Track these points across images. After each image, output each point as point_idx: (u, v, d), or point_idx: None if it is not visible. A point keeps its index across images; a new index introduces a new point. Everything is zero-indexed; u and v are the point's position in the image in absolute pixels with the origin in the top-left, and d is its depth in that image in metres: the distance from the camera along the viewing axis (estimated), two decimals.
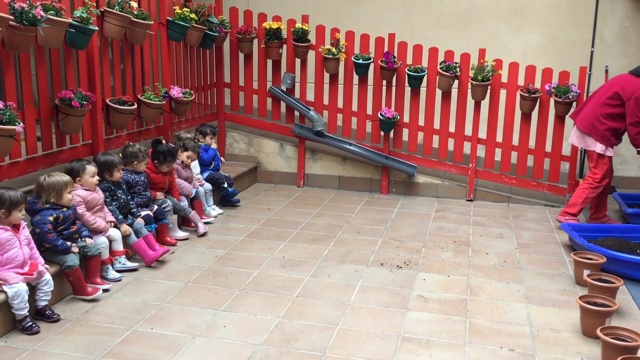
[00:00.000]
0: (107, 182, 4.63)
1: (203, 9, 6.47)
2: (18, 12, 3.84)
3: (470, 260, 5.01)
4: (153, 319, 3.81)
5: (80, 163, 4.33)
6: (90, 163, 4.39)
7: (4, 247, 3.53)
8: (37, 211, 3.92)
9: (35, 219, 3.90)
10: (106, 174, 4.60)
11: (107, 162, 4.61)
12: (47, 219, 3.89)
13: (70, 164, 4.33)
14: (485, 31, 7.70)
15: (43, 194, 3.94)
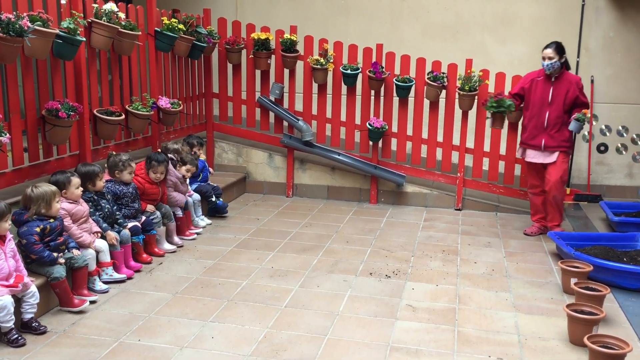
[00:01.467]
0: (90, 193, 4.60)
1: (191, 19, 6.48)
2: (5, 23, 3.83)
3: (458, 269, 5.03)
4: (140, 330, 3.78)
5: (65, 175, 4.29)
6: (74, 174, 4.35)
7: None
8: (23, 222, 3.89)
9: (22, 230, 3.87)
10: (89, 184, 4.57)
11: (89, 172, 4.57)
12: (34, 230, 3.86)
13: (55, 177, 4.28)
14: (472, 42, 7.76)
15: (32, 205, 3.91)
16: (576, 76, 5.86)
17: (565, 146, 5.78)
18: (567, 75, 5.76)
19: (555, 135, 5.73)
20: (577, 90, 5.70)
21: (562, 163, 5.78)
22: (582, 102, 5.74)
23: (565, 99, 5.70)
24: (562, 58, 5.69)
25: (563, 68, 5.75)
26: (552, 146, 5.76)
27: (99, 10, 4.98)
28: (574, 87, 5.69)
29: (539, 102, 5.79)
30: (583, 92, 5.77)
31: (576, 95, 5.69)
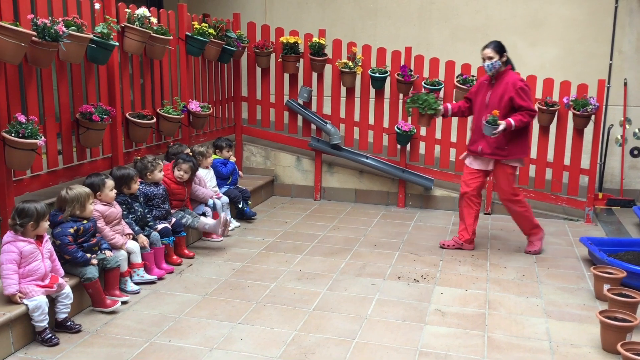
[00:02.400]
0: (124, 196, 4.68)
1: (221, 24, 6.55)
2: (40, 28, 3.91)
3: (488, 274, 4.98)
4: (171, 331, 3.83)
5: (100, 178, 4.37)
6: (109, 177, 4.43)
7: (27, 259, 3.58)
8: (57, 223, 3.97)
9: (56, 230, 3.95)
10: (124, 188, 4.65)
11: (124, 176, 4.65)
12: (68, 231, 3.94)
13: (89, 179, 4.36)
14: None
15: (67, 207, 3.98)
16: (516, 76, 5.24)
17: (501, 154, 5.25)
18: (507, 77, 5.24)
19: (491, 141, 5.22)
20: (513, 91, 5.13)
21: (504, 176, 5.33)
22: (519, 105, 5.13)
23: (500, 102, 5.19)
24: (503, 57, 5.21)
25: (507, 68, 5.28)
26: (487, 153, 5.29)
27: (131, 15, 5.07)
28: (510, 89, 5.15)
29: (479, 106, 5.37)
30: (522, 94, 5.14)
31: (511, 97, 5.14)
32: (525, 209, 5.47)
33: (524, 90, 5.17)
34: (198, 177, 5.60)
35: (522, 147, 5.32)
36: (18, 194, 4.11)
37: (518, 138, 5.25)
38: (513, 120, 5.08)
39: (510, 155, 5.28)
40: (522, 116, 5.12)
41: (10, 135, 3.81)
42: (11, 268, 3.53)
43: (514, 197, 5.42)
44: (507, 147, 5.24)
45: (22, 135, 3.82)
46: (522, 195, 5.55)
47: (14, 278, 3.54)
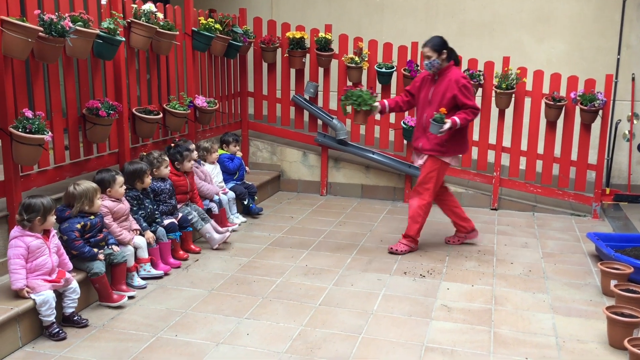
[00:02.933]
0: (136, 191, 4.69)
1: (227, 19, 6.54)
2: (47, 23, 3.92)
3: (494, 269, 4.97)
4: (177, 326, 3.84)
5: (110, 174, 4.38)
6: (119, 173, 4.44)
7: (34, 254, 3.59)
8: (64, 219, 3.99)
9: (63, 226, 3.97)
10: (137, 182, 4.67)
11: (137, 170, 4.67)
12: (75, 226, 3.95)
13: (100, 175, 4.38)
14: (509, 40, 7.65)
15: (75, 202, 4.00)
16: (459, 73, 5.12)
17: (439, 150, 5.11)
18: (450, 73, 5.08)
19: (432, 137, 5.08)
20: (456, 89, 4.99)
21: (432, 170, 5.17)
22: (462, 103, 5.00)
23: (442, 99, 5.05)
24: (443, 54, 5.05)
25: (450, 64, 5.13)
26: (426, 149, 5.17)
27: (138, 10, 5.07)
28: (452, 86, 5.01)
29: (422, 102, 5.23)
30: (465, 91, 5.02)
31: (453, 95, 5.00)
32: (422, 212, 5.26)
33: (466, 87, 5.04)
34: (204, 172, 5.62)
35: (461, 145, 5.21)
36: (25, 189, 4.13)
37: (458, 136, 5.15)
38: (458, 119, 4.96)
39: (449, 152, 5.16)
40: (466, 114, 5.00)
41: (18, 130, 3.82)
42: (18, 263, 3.55)
43: (427, 193, 5.23)
44: (446, 144, 5.11)
45: (29, 130, 3.83)
46: (431, 199, 5.28)
47: (21, 273, 3.56)
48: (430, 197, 5.25)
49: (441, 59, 5.07)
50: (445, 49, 5.08)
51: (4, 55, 3.78)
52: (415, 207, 5.28)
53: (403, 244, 5.33)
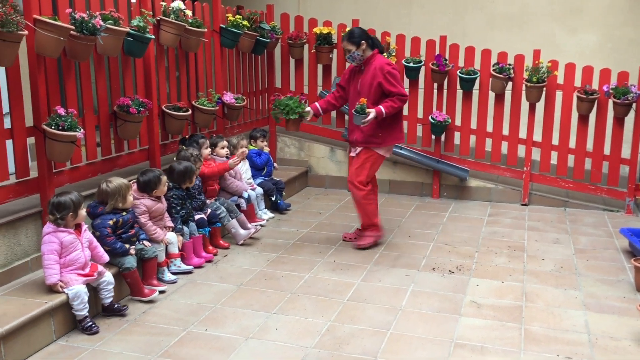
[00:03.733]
0: (182, 191, 4.75)
1: (255, 15, 6.57)
2: (78, 22, 3.98)
3: (525, 265, 4.91)
4: (207, 320, 3.88)
5: (155, 174, 4.41)
6: (162, 173, 4.49)
7: (67, 249, 3.66)
8: (97, 215, 4.05)
9: (96, 222, 4.04)
10: (187, 182, 4.75)
11: (188, 170, 4.74)
12: (107, 222, 4.01)
13: (146, 177, 4.39)
14: (539, 32, 7.54)
15: (109, 200, 4.05)
16: (383, 60, 5.00)
17: (374, 142, 5.04)
18: (374, 62, 4.99)
19: (365, 129, 4.98)
20: (381, 76, 4.89)
21: (365, 160, 5.09)
22: (388, 90, 4.90)
23: (370, 89, 4.96)
24: (362, 45, 4.94)
25: (374, 52, 5.02)
26: (360, 141, 5.07)
27: (167, 8, 5.12)
28: (378, 74, 4.91)
29: (352, 94, 5.13)
30: (390, 78, 4.90)
31: (379, 82, 4.90)
32: (367, 201, 5.19)
33: (391, 74, 4.93)
34: (234, 169, 5.63)
35: (396, 134, 5.12)
36: (58, 185, 4.20)
37: (392, 125, 5.06)
38: (383, 108, 4.88)
39: (384, 143, 5.08)
40: (392, 102, 4.91)
41: (51, 127, 3.89)
42: (52, 258, 3.62)
43: (361, 185, 5.13)
44: (381, 135, 5.04)
45: (61, 127, 3.90)
46: (370, 188, 5.20)
47: (55, 268, 3.63)
48: (366, 185, 5.15)
49: (361, 49, 4.98)
50: (364, 40, 4.98)
51: (37, 53, 3.86)
52: (359, 200, 5.19)
53: (367, 236, 5.28)
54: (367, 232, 5.33)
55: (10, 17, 3.43)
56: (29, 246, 4.02)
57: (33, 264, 4.01)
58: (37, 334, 3.45)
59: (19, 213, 3.93)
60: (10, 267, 3.88)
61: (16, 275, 3.91)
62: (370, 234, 5.31)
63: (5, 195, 3.83)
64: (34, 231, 4.03)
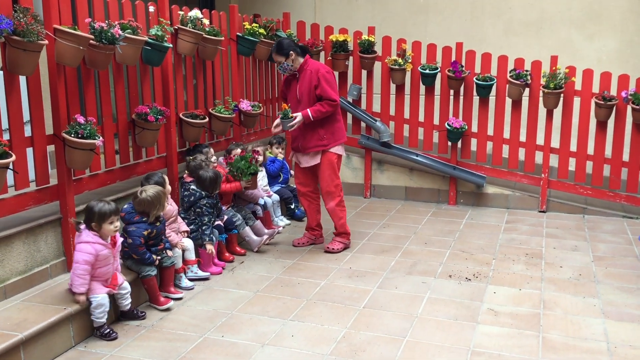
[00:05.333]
0: (213, 199, 4.81)
1: (271, 23, 6.61)
2: (98, 31, 4.04)
3: (543, 273, 4.87)
4: (224, 327, 3.90)
5: (159, 176, 4.46)
6: (165, 180, 4.53)
7: (101, 262, 3.68)
8: (133, 222, 4.07)
9: (130, 229, 4.05)
10: (217, 189, 4.83)
11: (218, 177, 4.81)
12: (142, 232, 4.03)
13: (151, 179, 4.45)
14: (557, 38, 7.50)
15: (152, 210, 4.04)
16: (318, 64, 5.13)
17: (322, 144, 5.13)
18: (308, 67, 5.09)
19: (308, 136, 5.13)
20: (316, 80, 5.00)
21: (329, 164, 5.18)
22: (318, 94, 5.00)
23: (310, 93, 5.05)
24: (291, 55, 5.04)
25: (305, 59, 5.12)
26: (309, 147, 5.17)
27: (184, 17, 5.17)
28: (314, 77, 5.02)
29: (293, 103, 5.18)
30: (324, 82, 5.00)
31: (317, 85, 5.01)
32: (340, 208, 5.31)
33: (326, 78, 5.03)
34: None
35: (339, 133, 5.21)
36: (77, 193, 4.25)
37: (332, 126, 5.16)
38: (310, 111, 5.01)
39: (331, 143, 5.17)
40: (321, 106, 5.02)
41: (70, 135, 3.94)
42: (86, 269, 3.60)
43: (337, 190, 5.26)
44: (325, 137, 5.14)
45: (81, 135, 3.96)
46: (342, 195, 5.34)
47: (86, 278, 3.63)
48: (340, 190, 5.30)
49: (291, 60, 5.08)
50: (292, 50, 5.07)
51: (57, 62, 3.92)
52: (333, 207, 5.30)
53: (339, 242, 5.39)
54: (338, 237, 5.42)
55: (31, 27, 3.49)
56: (48, 253, 4.07)
57: (52, 271, 4.06)
58: (56, 340, 3.49)
59: (38, 220, 3.99)
60: (30, 273, 3.93)
61: (36, 281, 3.96)
62: (341, 240, 5.42)
63: (25, 202, 3.88)
64: (54, 238, 4.08)
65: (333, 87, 5.10)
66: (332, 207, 5.29)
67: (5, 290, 3.75)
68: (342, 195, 5.33)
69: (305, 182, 5.42)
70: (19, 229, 3.84)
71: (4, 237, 3.74)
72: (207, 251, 4.71)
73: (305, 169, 5.36)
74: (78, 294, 3.65)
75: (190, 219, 4.80)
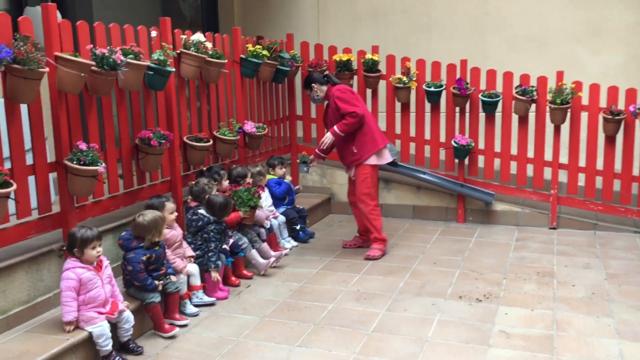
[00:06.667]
0: (221, 225, 4.76)
1: (275, 45, 6.60)
2: (99, 57, 4.02)
3: (555, 292, 4.77)
4: (230, 355, 3.82)
5: (160, 200, 4.43)
6: (170, 200, 4.49)
7: (86, 286, 3.61)
8: (131, 249, 4.02)
9: (129, 255, 4.00)
10: (226, 215, 4.79)
11: (229, 203, 4.79)
12: (141, 258, 3.98)
13: (150, 201, 4.45)
14: (561, 53, 7.45)
15: (147, 235, 3.99)
16: (334, 89, 5.66)
17: (355, 159, 5.62)
18: (331, 92, 5.68)
19: (345, 152, 5.69)
20: (333, 103, 5.59)
21: (362, 176, 5.64)
22: (340, 114, 5.55)
23: (336, 115, 5.60)
24: (314, 86, 5.73)
25: (329, 87, 5.72)
26: (347, 163, 5.77)
27: (187, 41, 5.16)
28: (332, 102, 5.61)
29: (329, 126, 5.72)
30: (339, 102, 5.53)
31: (335, 107, 5.57)
32: (374, 215, 5.69)
33: (339, 98, 5.55)
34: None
35: (369, 145, 5.60)
36: (80, 220, 4.21)
37: (361, 139, 5.59)
38: (337, 128, 5.54)
39: (363, 156, 5.60)
40: (345, 120, 5.51)
41: (72, 162, 3.91)
42: (70, 295, 3.56)
43: (368, 198, 5.66)
44: (356, 151, 5.61)
45: (83, 162, 3.92)
46: (376, 203, 5.74)
47: (72, 305, 3.57)
48: (372, 199, 5.71)
49: (315, 91, 5.77)
50: (314, 82, 5.76)
51: (59, 90, 3.90)
52: (367, 214, 5.69)
53: (377, 248, 5.70)
54: (375, 244, 5.74)
55: (31, 55, 3.48)
56: (51, 282, 4.02)
57: (56, 300, 4.00)
58: None
59: (41, 249, 3.95)
60: (33, 303, 3.88)
61: (39, 311, 3.91)
62: (378, 247, 5.73)
63: (27, 231, 3.84)
64: (57, 267, 4.03)
65: (348, 101, 5.56)
66: (365, 212, 5.69)
67: (8, 321, 3.70)
68: (373, 204, 5.70)
69: (353, 192, 5.89)
70: (22, 258, 3.81)
71: (6, 267, 3.70)
72: (212, 279, 4.65)
73: (353, 180, 5.84)
74: (66, 323, 3.58)
75: (197, 244, 4.74)
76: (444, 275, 5.20)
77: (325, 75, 5.84)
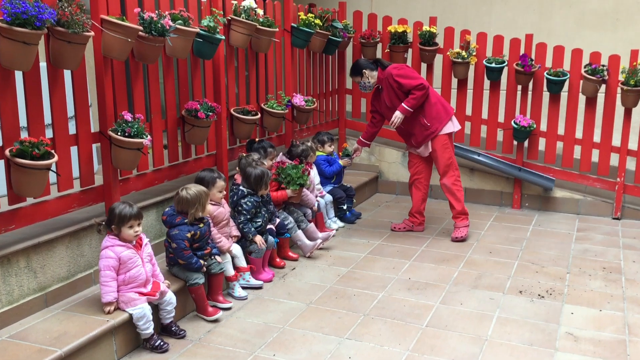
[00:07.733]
0: (258, 197, 4.51)
1: (327, 14, 6.26)
2: (147, 22, 3.77)
3: (624, 291, 4.41)
4: (275, 343, 3.60)
5: (211, 175, 4.20)
6: (221, 177, 4.26)
7: (126, 265, 3.41)
8: (175, 225, 3.81)
9: (173, 232, 3.80)
10: (263, 188, 4.52)
11: (264, 175, 4.50)
12: (185, 235, 3.77)
13: (201, 173, 4.23)
14: (636, 30, 6.91)
15: (190, 209, 3.79)
16: (388, 70, 5.35)
17: (430, 133, 5.38)
18: (384, 74, 5.38)
19: (416, 129, 5.40)
20: (395, 83, 5.28)
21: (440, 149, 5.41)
22: (406, 89, 5.26)
23: (396, 99, 5.33)
24: (365, 73, 5.42)
25: (379, 71, 5.43)
26: (420, 141, 5.44)
27: (237, 7, 4.87)
28: (391, 84, 5.31)
29: (386, 111, 5.48)
30: (400, 79, 5.25)
31: (395, 89, 5.30)
32: (457, 186, 5.48)
33: (399, 75, 5.29)
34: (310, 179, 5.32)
35: (442, 114, 5.37)
36: (124, 194, 4.02)
37: (431, 111, 5.34)
38: (405, 104, 5.25)
39: (437, 127, 5.36)
40: (412, 95, 5.24)
41: (117, 134, 3.70)
42: (109, 275, 3.37)
43: (451, 168, 5.46)
44: (429, 124, 5.35)
45: (128, 134, 3.71)
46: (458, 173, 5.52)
47: (112, 285, 3.39)
48: (456, 168, 5.50)
49: (366, 77, 5.45)
50: (364, 68, 5.43)
51: (104, 56, 3.67)
52: (450, 186, 5.46)
53: (463, 227, 5.50)
54: (459, 222, 5.52)
55: (76, 17, 3.24)
56: (92, 257, 3.85)
57: (96, 277, 3.82)
58: (97, 355, 3.26)
59: (82, 223, 3.76)
60: (73, 279, 3.72)
61: (79, 288, 3.75)
62: (462, 224, 5.51)
63: (69, 204, 3.66)
64: (98, 242, 3.84)
65: (410, 76, 5.30)
66: (445, 183, 5.47)
67: (47, 298, 3.54)
68: (456, 174, 5.49)
69: (419, 170, 5.65)
70: (62, 233, 3.63)
71: (46, 242, 3.52)
72: (257, 242, 4.38)
73: (420, 158, 5.61)
74: (105, 304, 3.41)
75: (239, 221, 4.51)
76: (501, 266, 4.87)
77: (374, 60, 5.60)
